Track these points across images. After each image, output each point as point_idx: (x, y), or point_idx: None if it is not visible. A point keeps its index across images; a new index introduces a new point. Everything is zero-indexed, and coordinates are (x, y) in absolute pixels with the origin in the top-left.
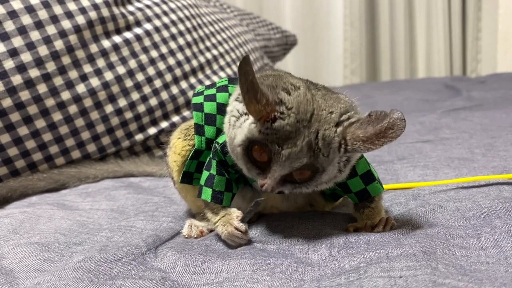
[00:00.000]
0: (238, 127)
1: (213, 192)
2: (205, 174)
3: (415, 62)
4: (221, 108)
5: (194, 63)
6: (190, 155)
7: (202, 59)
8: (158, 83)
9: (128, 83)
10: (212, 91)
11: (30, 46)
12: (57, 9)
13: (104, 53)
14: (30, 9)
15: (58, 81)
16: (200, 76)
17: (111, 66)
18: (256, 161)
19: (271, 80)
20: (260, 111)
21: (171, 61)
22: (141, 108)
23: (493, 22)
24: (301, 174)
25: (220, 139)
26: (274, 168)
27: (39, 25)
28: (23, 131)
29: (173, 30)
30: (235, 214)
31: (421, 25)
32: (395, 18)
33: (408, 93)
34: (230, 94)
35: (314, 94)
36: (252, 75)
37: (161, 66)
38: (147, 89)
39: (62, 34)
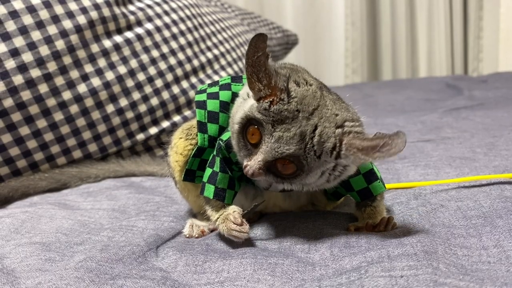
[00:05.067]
0: (239, 108)
1: (216, 189)
2: (208, 171)
3: (416, 61)
4: (224, 106)
5: (195, 62)
6: (193, 153)
7: (203, 58)
8: (159, 82)
9: (129, 82)
10: (215, 89)
11: (31, 46)
12: (58, 9)
13: (105, 53)
14: (31, 9)
15: (59, 81)
16: (201, 75)
17: (112, 66)
18: (248, 143)
19: (285, 71)
20: (259, 90)
21: (172, 60)
22: (142, 108)
23: (494, 21)
24: (284, 166)
25: (224, 136)
26: (260, 151)
27: (40, 25)
28: (24, 131)
29: (174, 29)
30: (232, 209)
31: (423, 24)
32: (396, 17)
33: (410, 93)
34: (233, 93)
35: (325, 95)
36: (262, 52)
37: (162, 65)
38: (148, 89)
39: (63, 34)
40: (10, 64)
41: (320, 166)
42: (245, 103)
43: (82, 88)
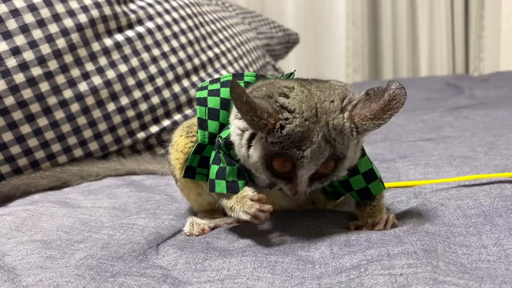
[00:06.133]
0: (245, 145)
1: (227, 183)
2: (214, 168)
3: (417, 61)
4: (225, 103)
5: (196, 61)
6: (193, 149)
7: (204, 57)
8: (160, 81)
9: (130, 81)
10: (216, 86)
11: (33, 44)
12: (59, 8)
13: (106, 51)
14: (32, 8)
15: (60, 79)
16: (202, 74)
17: (113, 65)
18: (280, 171)
19: (265, 90)
20: (265, 125)
21: (173, 59)
22: (143, 107)
23: (496, 21)
24: (326, 167)
25: (223, 134)
26: (300, 173)
27: (41, 23)
28: (25, 129)
29: (175, 28)
30: (246, 192)
31: (424, 23)
32: (397, 17)
33: (411, 92)
34: None
35: (309, 88)
36: (245, 95)
37: (163, 64)
38: (149, 88)
39: (64, 32)
40: (11, 62)
41: (348, 147)
42: (246, 139)
43: (83, 86)
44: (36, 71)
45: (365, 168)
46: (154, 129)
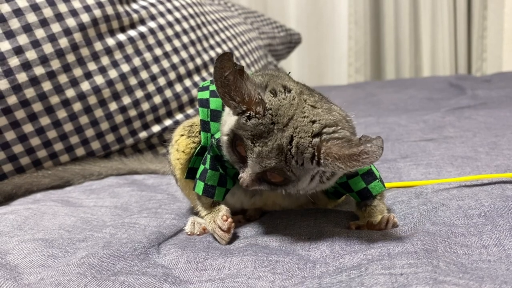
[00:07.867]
0: (229, 117)
1: (205, 186)
2: (200, 168)
3: (420, 61)
4: None
5: (198, 61)
6: (196, 152)
7: (206, 57)
8: (162, 81)
9: (132, 81)
10: None
11: (35, 44)
12: (62, 7)
13: (108, 51)
14: (35, 7)
15: (62, 78)
16: (204, 74)
17: (115, 64)
18: (239, 155)
19: (266, 79)
20: (235, 107)
21: (175, 59)
22: (145, 106)
23: (498, 21)
24: (273, 177)
25: (217, 134)
26: (249, 164)
27: (44, 23)
28: (28, 128)
29: (177, 28)
30: (221, 213)
31: (426, 23)
32: (399, 17)
33: (413, 92)
34: None
35: (305, 99)
36: (229, 71)
37: (165, 64)
38: (151, 87)
39: (67, 32)
40: (14, 61)
41: (307, 172)
42: (231, 116)
43: (85, 86)
44: (39, 70)
45: (363, 169)
46: (156, 128)
